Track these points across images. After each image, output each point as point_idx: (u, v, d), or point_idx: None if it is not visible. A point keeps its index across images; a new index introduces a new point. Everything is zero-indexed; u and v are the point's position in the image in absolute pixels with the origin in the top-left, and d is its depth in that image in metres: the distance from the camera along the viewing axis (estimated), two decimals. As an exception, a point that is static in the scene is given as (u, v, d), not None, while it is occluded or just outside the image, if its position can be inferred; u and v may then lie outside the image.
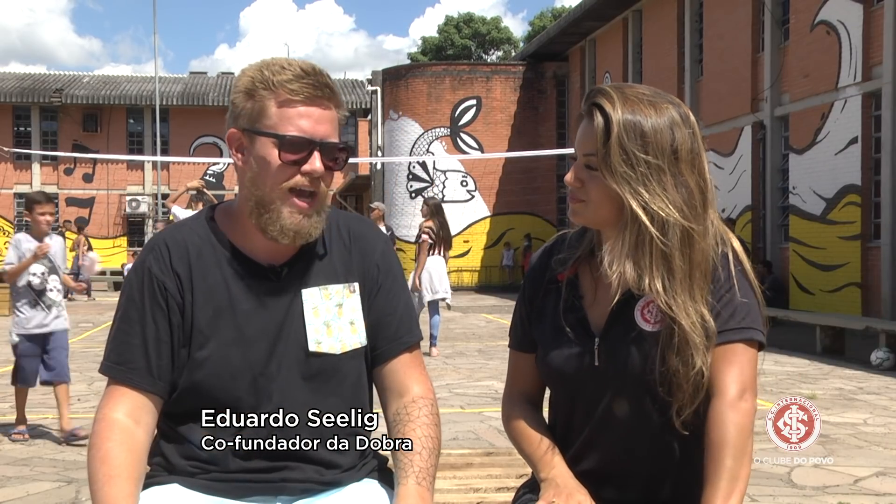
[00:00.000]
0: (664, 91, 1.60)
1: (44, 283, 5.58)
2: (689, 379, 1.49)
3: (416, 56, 48.32)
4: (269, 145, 1.54)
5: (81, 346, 10.95)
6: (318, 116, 1.56)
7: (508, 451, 2.59)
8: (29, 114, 33.64)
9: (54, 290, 5.64)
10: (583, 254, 1.65)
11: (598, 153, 1.52)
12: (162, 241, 1.63)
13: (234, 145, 1.60)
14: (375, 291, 1.67)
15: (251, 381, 1.56)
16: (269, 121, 1.54)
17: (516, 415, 1.73)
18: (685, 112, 1.56)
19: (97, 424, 1.54)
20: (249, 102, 1.56)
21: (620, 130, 1.50)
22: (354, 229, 1.71)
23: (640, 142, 1.50)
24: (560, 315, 1.63)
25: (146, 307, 1.58)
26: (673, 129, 1.52)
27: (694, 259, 1.51)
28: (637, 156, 1.50)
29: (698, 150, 1.55)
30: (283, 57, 1.62)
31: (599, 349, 1.58)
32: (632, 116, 1.51)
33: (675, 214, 1.50)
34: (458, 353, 10.37)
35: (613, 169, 1.50)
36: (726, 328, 1.53)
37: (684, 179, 1.52)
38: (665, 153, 1.51)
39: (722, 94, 17.47)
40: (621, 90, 1.55)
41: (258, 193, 1.56)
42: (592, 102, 1.55)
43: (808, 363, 9.66)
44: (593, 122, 1.53)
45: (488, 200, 25.86)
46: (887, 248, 12.98)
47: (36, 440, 5.62)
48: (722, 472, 1.44)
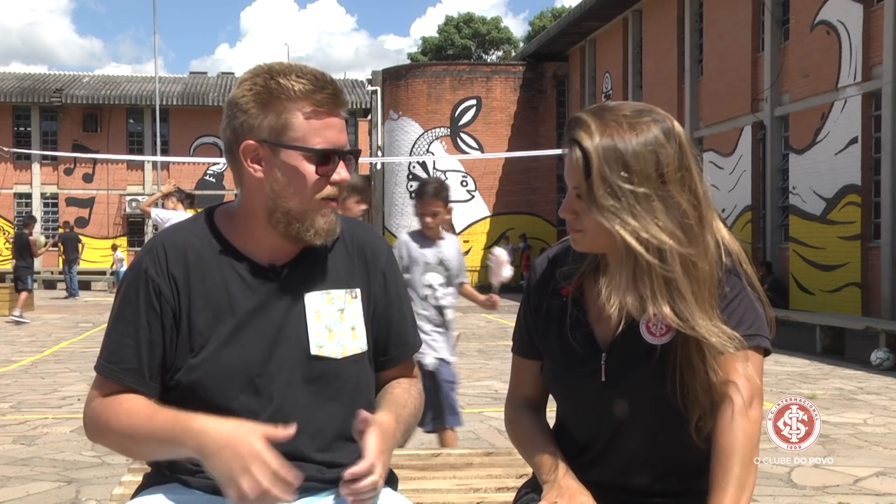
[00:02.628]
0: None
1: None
2: (708, 391, 1.50)
3: (416, 56, 48.32)
4: (300, 158, 1.54)
5: (81, 346, 10.95)
6: (339, 126, 1.58)
7: (508, 451, 2.59)
8: (29, 114, 33.63)
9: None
10: (587, 269, 1.64)
11: (582, 188, 1.50)
12: (160, 242, 1.63)
13: (250, 156, 1.57)
14: (386, 299, 1.70)
15: (249, 381, 1.56)
16: (295, 133, 1.54)
17: (519, 419, 1.73)
18: (669, 126, 1.51)
19: (95, 404, 1.58)
20: (270, 114, 1.54)
21: (601, 163, 1.46)
22: (358, 235, 1.72)
23: (623, 172, 1.46)
24: (566, 330, 1.63)
25: (140, 308, 1.58)
26: (657, 152, 1.48)
27: (701, 279, 1.49)
28: (621, 187, 1.46)
29: (688, 165, 1.51)
30: (286, 62, 1.61)
31: (606, 365, 1.58)
32: (611, 145, 1.47)
33: (668, 241, 1.47)
34: (458, 353, 10.34)
35: (599, 203, 1.47)
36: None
37: (675, 201, 1.48)
38: (650, 179, 1.47)
39: (722, 94, 17.48)
40: (601, 116, 1.51)
41: (288, 205, 1.56)
42: (570, 137, 1.51)
43: (808, 363, 9.66)
44: (573, 155, 1.51)
45: (488, 200, 25.87)
46: (887, 248, 12.99)
47: (36, 440, 5.62)
48: (730, 478, 1.45)
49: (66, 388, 7.66)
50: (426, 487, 2.35)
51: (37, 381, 8.22)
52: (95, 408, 1.57)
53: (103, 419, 1.55)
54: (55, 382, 8.07)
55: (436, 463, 2.57)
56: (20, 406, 6.92)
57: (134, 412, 1.52)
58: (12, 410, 6.73)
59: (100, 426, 1.56)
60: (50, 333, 12.77)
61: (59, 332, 12.89)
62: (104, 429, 1.56)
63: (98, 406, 1.57)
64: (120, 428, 1.53)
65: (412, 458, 2.62)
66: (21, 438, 5.67)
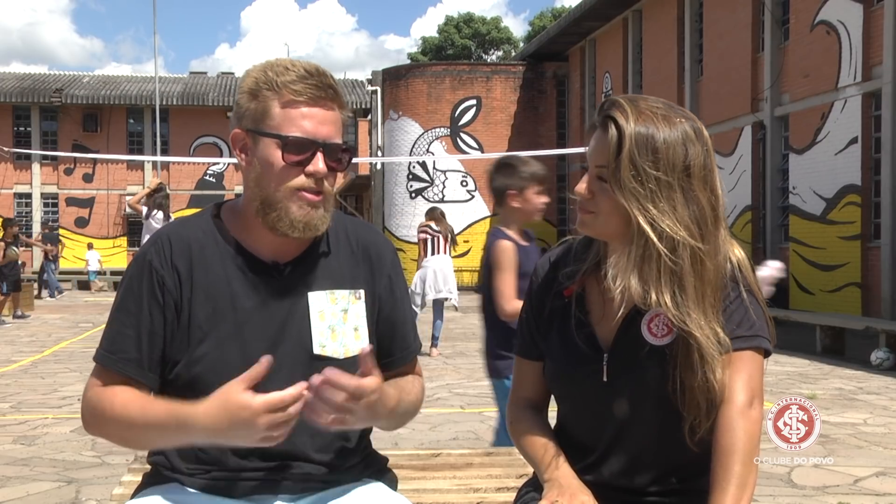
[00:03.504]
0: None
1: None
2: (705, 393, 1.50)
3: (416, 56, 48.31)
4: (273, 146, 1.55)
5: (81, 345, 10.94)
6: (321, 117, 1.57)
7: (508, 451, 2.59)
8: (29, 114, 33.64)
9: None
10: (589, 267, 1.65)
11: (609, 166, 1.52)
12: (165, 235, 1.64)
13: (239, 146, 1.61)
14: (392, 301, 1.71)
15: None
16: (272, 121, 1.55)
17: (521, 420, 1.74)
18: (699, 127, 1.55)
19: (91, 394, 1.58)
20: (253, 103, 1.57)
21: (632, 145, 1.49)
22: (363, 237, 1.72)
23: (652, 157, 1.49)
24: (568, 331, 1.64)
25: (143, 299, 1.59)
26: (686, 145, 1.51)
27: (706, 277, 1.51)
28: (647, 172, 1.49)
29: (711, 167, 1.54)
30: (287, 58, 1.63)
31: (608, 365, 1.58)
32: (645, 131, 1.50)
33: (682, 233, 1.49)
34: (458, 353, 10.36)
35: (623, 184, 1.50)
36: (735, 336, 1.54)
37: (695, 196, 1.51)
38: (676, 170, 1.50)
39: (722, 94, 17.48)
40: (636, 103, 1.54)
41: (263, 193, 1.57)
42: (607, 114, 1.54)
43: (808, 363, 9.66)
44: (607, 133, 1.52)
45: (488, 200, 25.84)
46: (887, 248, 12.98)
47: (36, 440, 5.62)
48: (731, 478, 1.45)
49: (66, 388, 7.65)
50: (426, 487, 2.35)
51: (37, 381, 8.22)
52: (91, 397, 1.58)
53: (99, 409, 1.56)
54: (55, 382, 8.07)
55: (436, 463, 2.57)
56: (20, 406, 6.92)
57: (128, 403, 1.53)
58: (12, 410, 6.73)
59: (96, 415, 1.57)
60: (50, 333, 12.77)
61: (59, 332, 12.89)
62: (100, 418, 1.57)
63: (94, 396, 1.58)
64: (115, 418, 1.54)
65: (412, 458, 2.62)
66: (21, 438, 5.67)
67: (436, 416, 6.34)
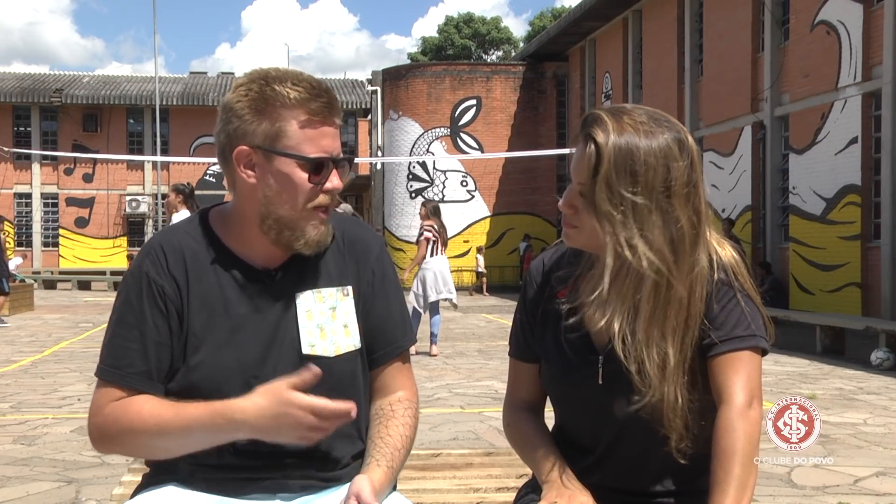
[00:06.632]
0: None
1: None
2: (676, 413, 1.50)
3: (416, 56, 48.32)
4: (293, 166, 1.54)
5: (81, 346, 10.95)
6: (332, 134, 1.58)
7: (508, 451, 2.59)
8: (29, 114, 33.65)
9: None
10: (582, 271, 1.64)
11: (586, 186, 1.51)
12: (158, 244, 1.63)
13: (243, 162, 1.57)
14: (373, 296, 1.69)
15: (245, 383, 1.55)
16: (289, 141, 1.54)
17: (518, 422, 1.74)
18: (684, 139, 1.52)
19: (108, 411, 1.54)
20: (265, 120, 1.54)
21: (609, 167, 1.47)
22: (349, 232, 1.71)
23: (630, 180, 1.47)
24: (562, 334, 1.63)
25: (146, 311, 1.57)
26: (669, 165, 1.49)
27: (669, 302, 1.50)
28: (623, 196, 1.47)
29: (695, 181, 1.51)
30: (282, 68, 1.61)
31: (604, 368, 1.58)
32: (625, 149, 1.47)
33: (651, 257, 1.48)
34: (458, 353, 10.36)
35: (597, 206, 1.49)
36: (732, 336, 1.53)
37: (675, 216, 1.49)
38: (655, 191, 1.48)
39: (722, 94, 17.47)
40: (619, 118, 1.51)
41: (279, 212, 1.56)
42: (587, 132, 1.52)
43: (808, 363, 9.66)
44: (586, 150, 1.51)
45: (488, 200, 25.87)
46: (887, 248, 12.98)
47: (36, 440, 5.62)
48: (731, 479, 1.45)
49: (66, 388, 7.65)
50: (426, 487, 2.35)
51: (37, 381, 8.22)
52: (110, 414, 1.54)
53: (124, 422, 1.52)
54: (55, 382, 8.06)
55: (436, 463, 2.57)
56: (20, 406, 6.92)
57: (156, 410, 1.51)
58: (12, 410, 6.72)
59: (119, 430, 1.53)
60: (50, 333, 12.77)
61: (59, 332, 12.89)
62: (125, 432, 1.53)
63: (113, 412, 1.54)
64: (146, 428, 1.51)
65: (412, 458, 2.62)
66: (21, 438, 5.67)
67: (436, 416, 6.34)
